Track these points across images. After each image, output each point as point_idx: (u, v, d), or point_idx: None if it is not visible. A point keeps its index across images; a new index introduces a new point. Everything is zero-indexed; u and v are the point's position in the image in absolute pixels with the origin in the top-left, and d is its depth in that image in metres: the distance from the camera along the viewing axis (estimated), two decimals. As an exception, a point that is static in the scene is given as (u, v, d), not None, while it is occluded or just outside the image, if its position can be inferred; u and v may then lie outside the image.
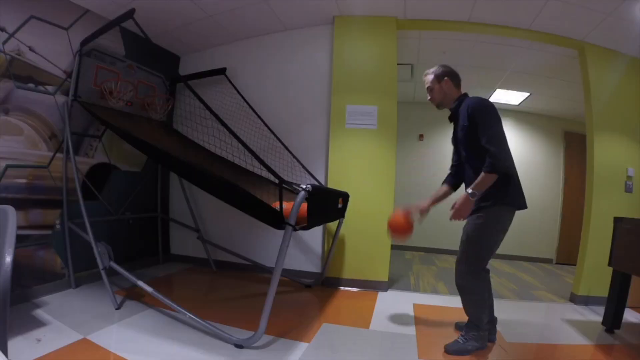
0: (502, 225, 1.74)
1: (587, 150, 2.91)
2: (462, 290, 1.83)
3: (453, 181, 2.03)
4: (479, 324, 1.81)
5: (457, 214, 1.69)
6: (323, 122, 3.10)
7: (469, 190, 1.65)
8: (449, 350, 1.81)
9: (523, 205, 1.76)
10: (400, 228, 1.92)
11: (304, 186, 1.79)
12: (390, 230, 1.97)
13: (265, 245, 3.21)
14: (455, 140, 1.93)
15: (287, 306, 2.44)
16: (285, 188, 1.86)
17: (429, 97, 1.92)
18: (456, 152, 1.98)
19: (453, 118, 1.89)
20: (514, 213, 1.75)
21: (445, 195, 2.02)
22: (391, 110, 2.93)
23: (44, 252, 2.33)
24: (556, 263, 4.79)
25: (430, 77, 1.88)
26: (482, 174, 1.61)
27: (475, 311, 1.82)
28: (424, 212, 1.94)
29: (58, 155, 2.40)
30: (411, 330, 2.09)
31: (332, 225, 2.90)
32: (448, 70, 1.87)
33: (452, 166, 2.04)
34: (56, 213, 2.40)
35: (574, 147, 4.87)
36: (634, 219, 2.16)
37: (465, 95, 1.85)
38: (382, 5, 2.83)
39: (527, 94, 4.34)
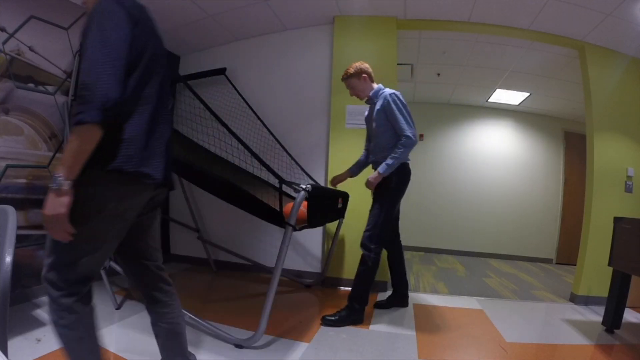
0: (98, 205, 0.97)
1: (587, 150, 2.91)
2: None
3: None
4: None
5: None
6: (323, 122, 3.10)
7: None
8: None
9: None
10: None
11: (303, 186, 1.79)
12: None
13: (265, 245, 3.21)
14: None
15: (287, 306, 2.44)
16: (284, 192, 1.86)
17: None
18: None
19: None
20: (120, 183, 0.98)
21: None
22: (391, 110, 2.93)
23: (44, 252, 2.33)
24: (556, 263, 4.79)
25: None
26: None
27: None
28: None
29: (58, 155, 2.40)
30: (411, 330, 2.09)
31: (332, 225, 2.90)
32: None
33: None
34: (56, 213, 2.40)
35: (574, 147, 4.87)
36: (634, 219, 2.15)
37: None
38: (382, 5, 2.83)
39: (527, 94, 4.34)
